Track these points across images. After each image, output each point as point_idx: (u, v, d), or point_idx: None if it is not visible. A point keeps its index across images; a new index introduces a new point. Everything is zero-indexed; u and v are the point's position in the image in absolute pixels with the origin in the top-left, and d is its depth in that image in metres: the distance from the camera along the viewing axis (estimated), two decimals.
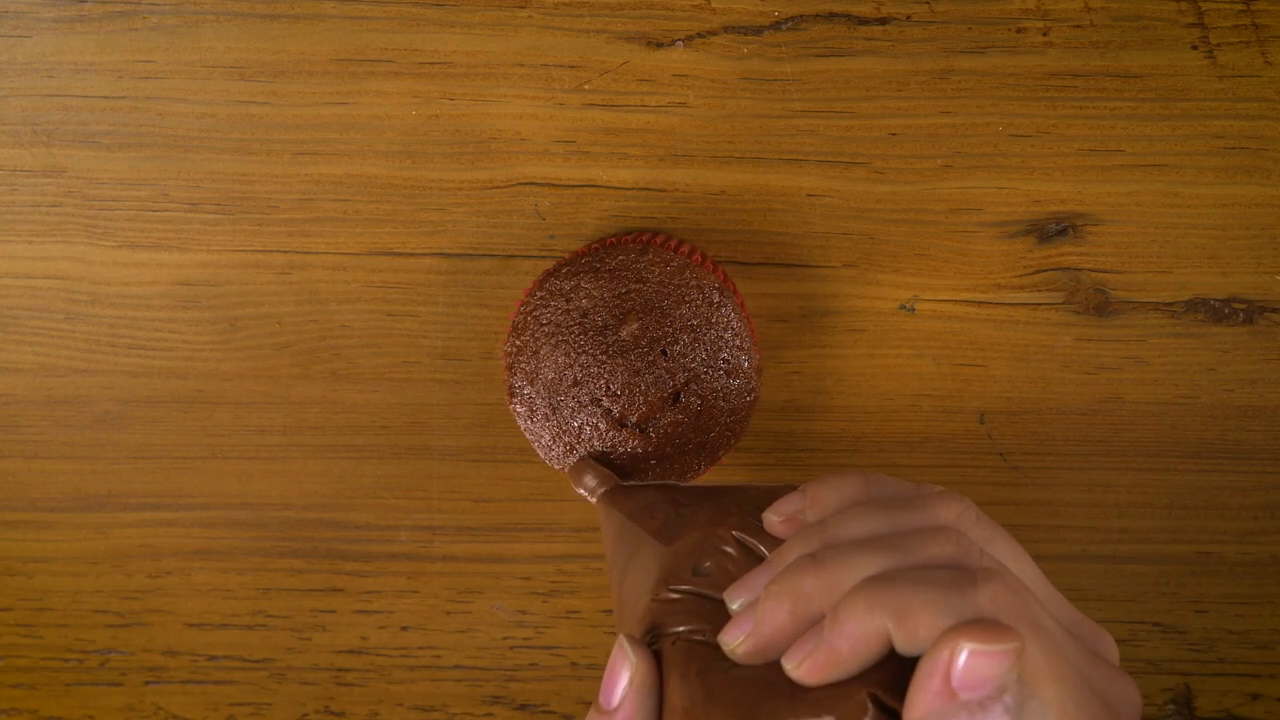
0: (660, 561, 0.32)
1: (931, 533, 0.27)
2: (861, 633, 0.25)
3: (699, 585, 0.30)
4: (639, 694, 0.28)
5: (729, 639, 0.28)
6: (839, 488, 0.30)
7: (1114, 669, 0.27)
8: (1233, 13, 0.45)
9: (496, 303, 0.48)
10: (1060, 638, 0.26)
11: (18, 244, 0.47)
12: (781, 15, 0.45)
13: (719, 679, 0.27)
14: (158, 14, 0.45)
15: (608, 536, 0.37)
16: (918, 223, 0.47)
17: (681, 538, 0.32)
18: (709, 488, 0.36)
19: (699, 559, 0.31)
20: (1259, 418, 0.49)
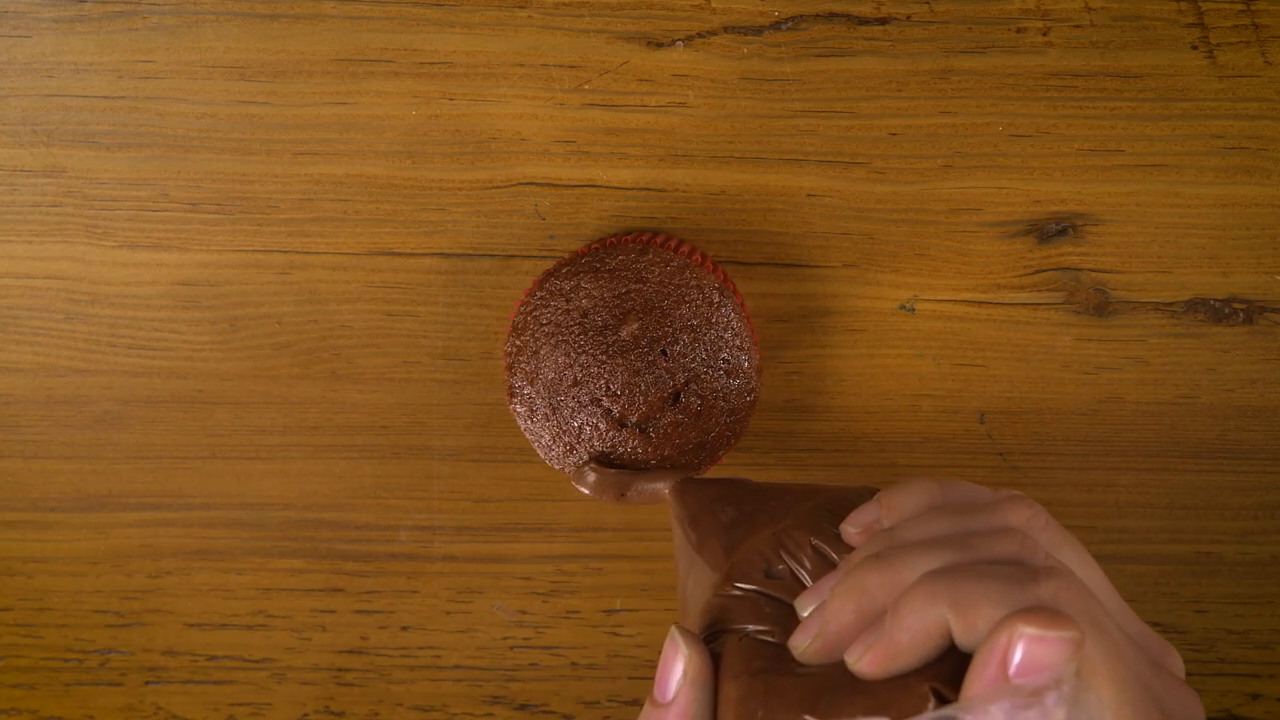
0: (729, 558, 0.32)
1: (997, 533, 0.27)
2: (920, 624, 0.25)
3: (769, 587, 0.30)
4: (694, 688, 0.28)
5: (798, 642, 0.28)
6: (915, 494, 0.30)
7: (1178, 681, 0.26)
8: (1233, 13, 0.45)
9: (496, 303, 0.48)
10: (1122, 643, 0.25)
11: (18, 244, 0.47)
12: (781, 15, 0.45)
13: (780, 675, 0.27)
14: (158, 14, 0.45)
15: (677, 528, 0.37)
16: (918, 223, 0.47)
17: (751, 536, 0.32)
18: (779, 486, 0.36)
19: (771, 561, 0.31)
20: (1259, 418, 0.49)
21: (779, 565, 0.31)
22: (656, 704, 0.28)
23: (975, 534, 0.27)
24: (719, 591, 0.31)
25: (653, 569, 0.51)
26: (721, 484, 0.38)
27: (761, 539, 0.32)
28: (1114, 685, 0.24)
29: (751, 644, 0.29)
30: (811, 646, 0.27)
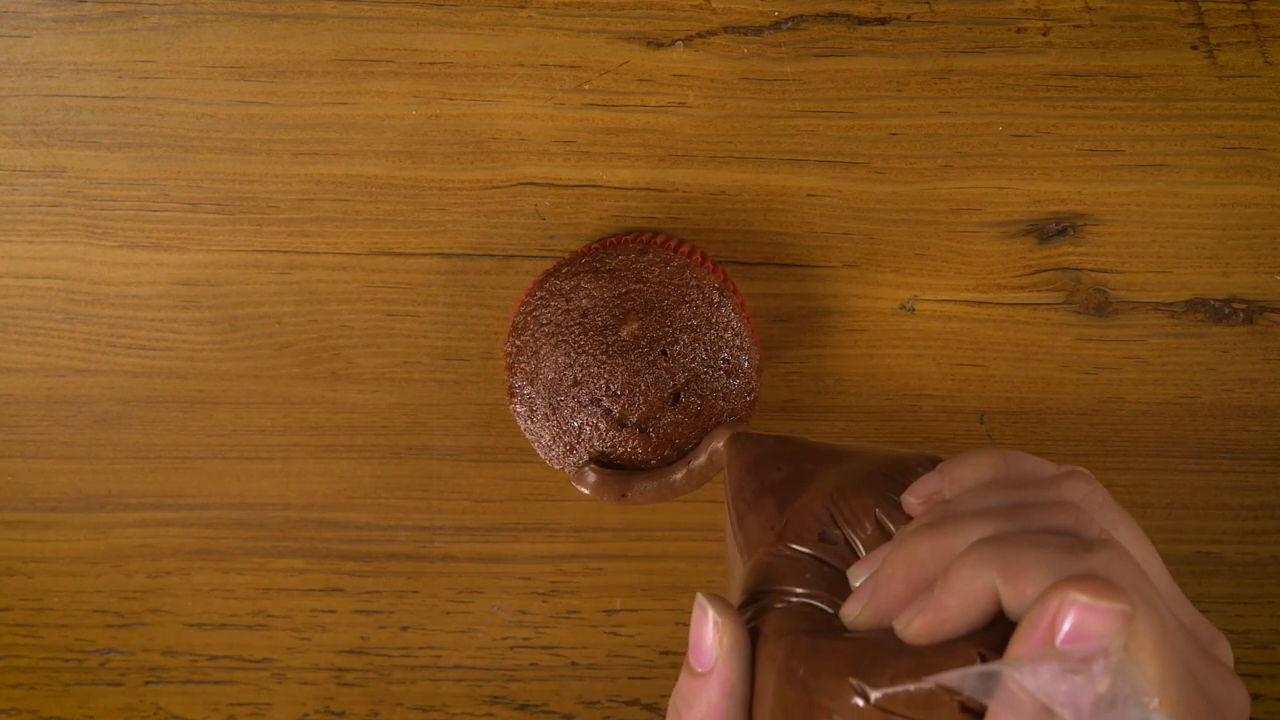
0: (782, 517, 0.32)
1: (1052, 506, 0.27)
2: (969, 589, 0.24)
3: (821, 551, 0.30)
4: (731, 655, 0.28)
5: (849, 610, 0.28)
6: (978, 467, 0.30)
7: (1225, 670, 0.26)
8: (1233, 13, 0.45)
9: (496, 303, 0.48)
10: (1171, 623, 0.25)
11: (18, 244, 0.47)
12: (781, 15, 0.45)
13: (826, 638, 0.27)
14: (158, 14, 0.45)
15: (729, 481, 0.37)
16: (918, 223, 0.47)
17: (806, 496, 0.32)
18: (838, 447, 0.35)
19: (826, 525, 0.30)
20: (1259, 418, 0.49)
21: (834, 530, 0.30)
22: (695, 673, 0.28)
23: (1030, 505, 0.27)
24: (770, 550, 0.31)
25: (653, 569, 0.51)
26: (778, 440, 0.37)
27: (817, 502, 0.31)
28: (1160, 663, 0.23)
29: (799, 607, 0.29)
30: (863, 614, 0.27)
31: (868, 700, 0.24)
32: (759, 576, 0.30)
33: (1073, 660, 0.22)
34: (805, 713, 0.26)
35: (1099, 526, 0.26)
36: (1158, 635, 0.23)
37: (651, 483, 0.42)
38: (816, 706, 0.25)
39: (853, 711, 0.25)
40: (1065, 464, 0.30)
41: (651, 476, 0.42)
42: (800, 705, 0.26)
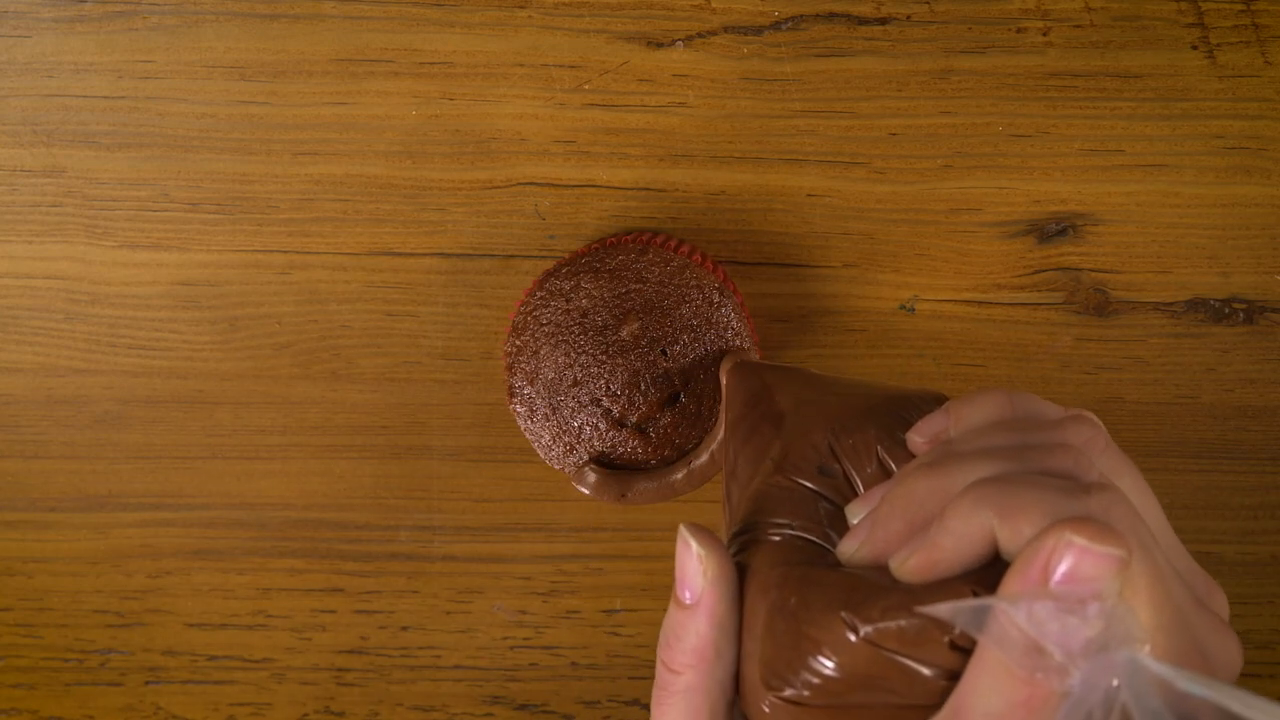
0: (782, 446, 0.31)
1: (1054, 448, 0.26)
2: (965, 529, 0.24)
3: (819, 484, 0.30)
4: (717, 587, 0.28)
5: (846, 547, 0.28)
6: (984, 407, 0.29)
7: (1219, 621, 0.26)
8: (1233, 13, 0.45)
9: (496, 303, 0.48)
10: (1167, 571, 0.25)
11: (18, 244, 0.47)
12: (781, 15, 0.45)
13: (821, 569, 0.27)
14: (158, 14, 0.45)
15: (729, 410, 0.36)
16: (918, 223, 0.47)
17: (807, 428, 0.31)
18: (841, 380, 0.34)
19: (826, 458, 0.30)
20: (1259, 418, 0.49)
21: (833, 464, 0.30)
22: (682, 606, 0.28)
23: (1032, 447, 0.27)
24: (767, 480, 0.30)
25: (653, 569, 0.51)
26: (782, 370, 0.36)
27: (817, 434, 0.30)
28: (1153, 610, 0.23)
29: (794, 541, 0.28)
30: (860, 552, 0.27)
31: (857, 634, 0.24)
32: (754, 506, 0.30)
33: (1066, 601, 0.21)
34: (794, 643, 0.25)
35: (1099, 471, 0.26)
36: (1152, 582, 0.23)
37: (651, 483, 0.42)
38: (805, 638, 0.25)
39: (843, 644, 0.24)
40: (1074, 407, 0.30)
41: (651, 476, 0.42)
42: (790, 636, 0.26)
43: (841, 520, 0.29)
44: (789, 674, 0.25)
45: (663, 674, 0.28)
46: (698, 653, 0.28)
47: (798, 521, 0.29)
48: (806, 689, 0.25)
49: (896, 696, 0.25)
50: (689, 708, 0.28)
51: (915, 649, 0.24)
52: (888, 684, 0.24)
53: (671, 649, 0.28)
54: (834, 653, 0.25)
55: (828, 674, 0.25)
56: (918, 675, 0.24)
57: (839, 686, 0.25)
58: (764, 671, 0.26)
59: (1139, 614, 0.23)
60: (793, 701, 0.25)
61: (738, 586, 0.28)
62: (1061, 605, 0.21)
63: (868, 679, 0.24)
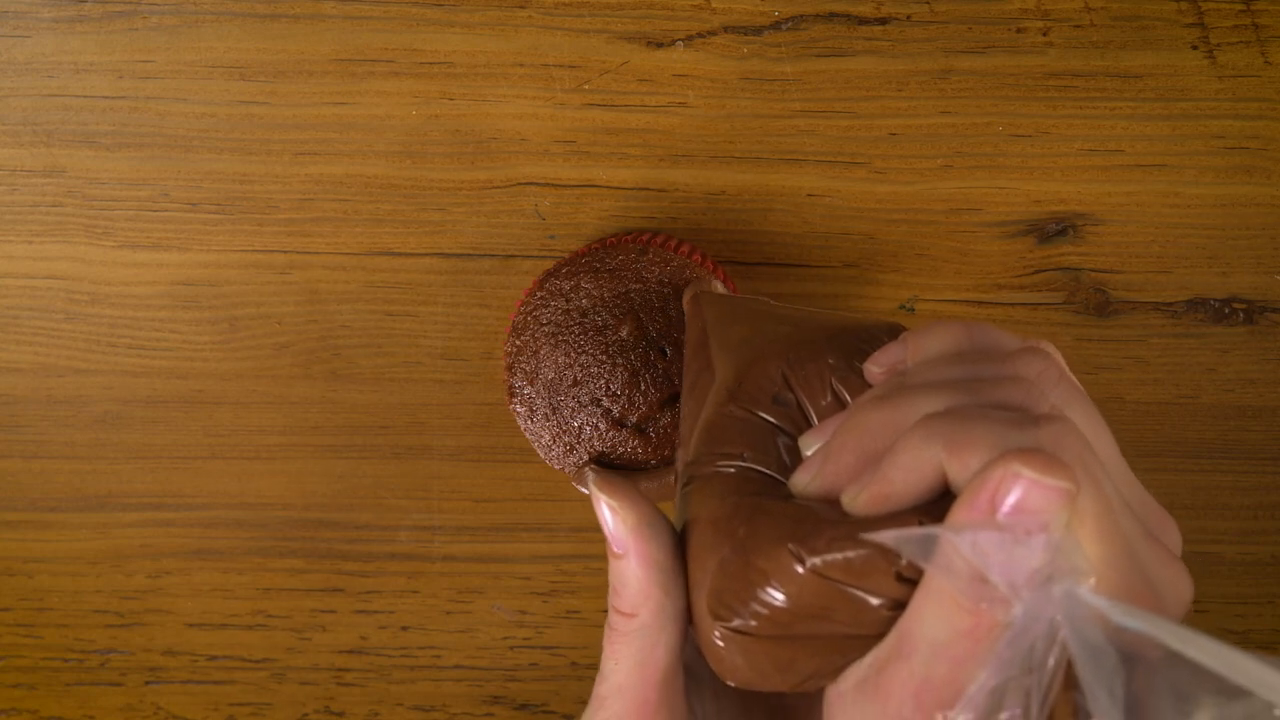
0: (736, 375, 0.31)
1: (1006, 380, 0.26)
2: (915, 463, 0.24)
3: (773, 414, 0.29)
4: (639, 530, 0.28)
5: (799, 480, 0.27)
6: (941, 338, 0.29)
7: (1170, 555, 0.26)
8: (1233, 13, 0.45)
9: (496, 303, 0.48)
10: (1117, 504, 0.24)
11: (18, 244, 0.47)
12: (781, 15, 0.45)
13: (771, 501, 0.27)
14: (158, 14, 0.45)
15: (688, 341, 0.36)
16: (918, 223, 0.47)
17: (762, 357, 0.31)
18: (802, 311, 0.34)
19: (780, 388, 0.30)
20: (1259, 418, 0.49)
21: (787, 394, 0.29)
22: (616, 556, 0.28)
23: (984, 380, 0.26)
24: (721, 410, 0.30)
25: None
26: (742, 300, 0.36)
27: (772, 364, 0.30)
28: (1100, 543, 0.23)
29: (746, 472, 0.28)
30: (812, 484, 0.27)
31: (804, 565, 0.24)
32: (707, 436, 0.30)
33: (1012, 533, 0.21)
34: (742, 574, 0.25)
35: (1051, 403, 0.26)
36: (1100, 514, 0.23)
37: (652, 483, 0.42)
38: (753, 569, 0.25)
39: (790, 576, 0.24)
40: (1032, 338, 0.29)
41: (651, 476, 0.42)
42: (738, 567, 0.26)
43: (796, 451, 0.29)
44: (737, 605, 0.25)
45: (614, 618, 0.28)
46: (643, 594, 0.28)
47: (750, 452, 0.29)
48: (754, 619, 0.25)
49: (843, 627, 0.25)
50: (642, 642, 0.28)
51: (862, 580, 0.24)
52: (835, 614, 0.24)
53: (619, 595, 0.28)
54: (781, 584, 0.25)
55: (775, 605, 0.25)
56: (865, 605, 0.24)
57: (786, 617, 0.25)
58: (712, 603, 0.26)
59: (1086, 547, 0.23)
60: (741, 632, 0.26)
61: (664, 524, 0.28)
62: (1007, 536, 0.21)
63: (815, 610, 0.25)
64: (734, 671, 0.27)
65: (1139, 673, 0.21)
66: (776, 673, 0.26)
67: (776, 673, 0.26)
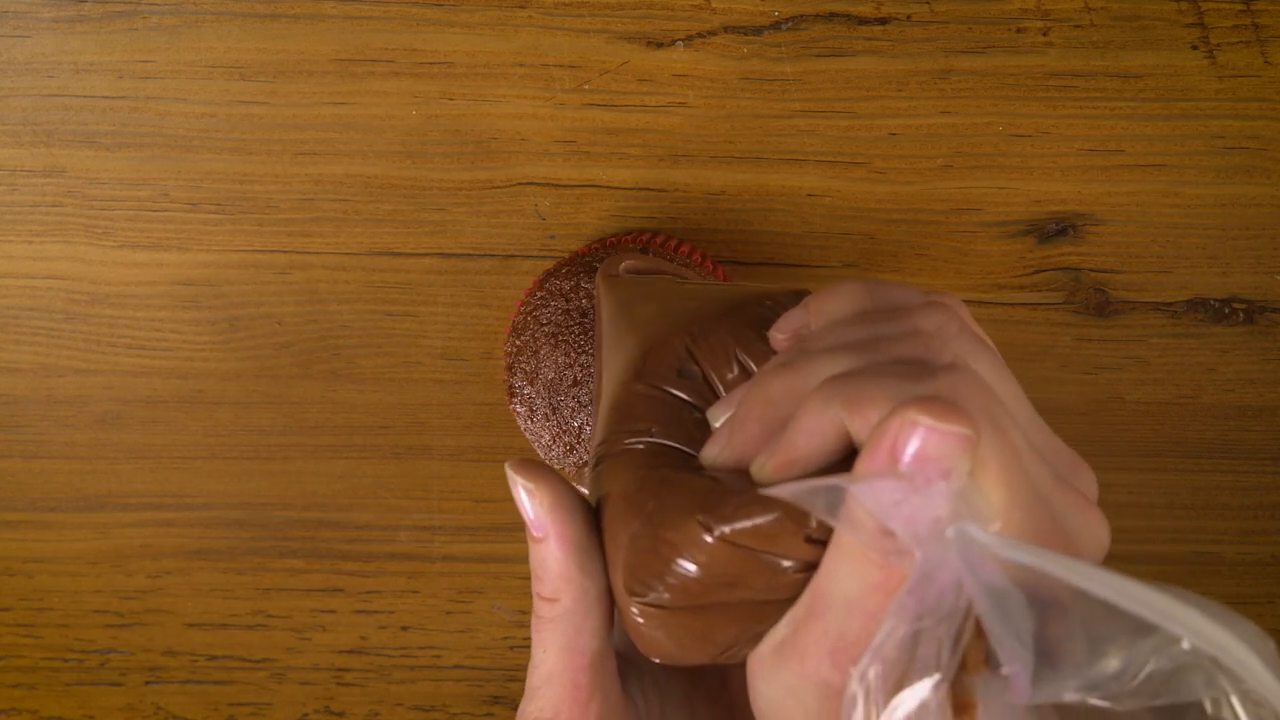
0: (641, 353, 0.31)
1: (906, 336, 0.26)
2: (817, 426, 0.24)
3: (679, 388, 0.29)
4: (556, 511, 0.28)
5: (708, 453, 0.27)
6: (842, 299, 0.28)
7: (1083, 500, 0.25)
8: (1233, 13, 0.45)
9: (496, 303, 0.48)
10: (1023, 449, 0.24)
11: (18, 244, 0.47)
12: (781, 15, 0.45)
13: (679, 473, 0.27)
14: (158, 14, 0.45)
15: (598, 323, 0.36)
16: (918, 223, 0.47)
17: (667, 333, 0.31)
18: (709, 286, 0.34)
19: (684, 361, 0.30)
20: (1259, 418, 0.49)
21: (691, 366, 0.29)
22: (536, 540, 0.28)
23: (884, 338, 0.26)
24: (627, 388, 0.30)
25: None
26: (647, 281, 0.36)
27: (676, 338, 0.30)
28: (1005, 488, 0.23)
29: (655, 447, 0.28)
30: (721, 456, 0.27)
31: (712, 534, 0.24)
32: (615, 415, 0.30)
33: (914, 482, 0.21)
34: (653, 548, 0.25)
35: (953, 353, 0.25)
36: (1004, 460, 0.23)
37: None
38: (664, 541, 0.25)
39: (699, 545, 0.24)
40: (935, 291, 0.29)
41: None
42: (648, 540, 0.26)
43: (707, 425, 0.29)
44: (651, 579, 0.25)
45: (538, 605, 0.28)
46: (564, 577, 0.28)
47: (658, 427, 0.29)
48: (668, 592, 0.25)
49: (758, 592, 0.25)
50: (567, 627, 0.28)
51: (772, 544, 0.24)
52: (748, 581, 0.24)
53: (540, 580, 0.28)
54: (692, 554, 0.25)
55: (688, 576, 0.25)
56: (777, 570, 0.24)
57: (699, 587, 0.25)
58: (627, 578, 0.26)
59: (990, 493, 0.22)
60: (656, 605, 0.26)
61: (581, 504, 0.28)
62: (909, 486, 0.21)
63: (727, 578, 0.25)
64: (655, 646, 0.27)
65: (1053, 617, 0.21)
66: (696, 644, 0.26)
67: (696, 644, 0.26)
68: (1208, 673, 0.20)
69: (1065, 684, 0.21)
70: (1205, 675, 0.20)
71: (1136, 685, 0.20)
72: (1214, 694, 0.20)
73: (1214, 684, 0.20)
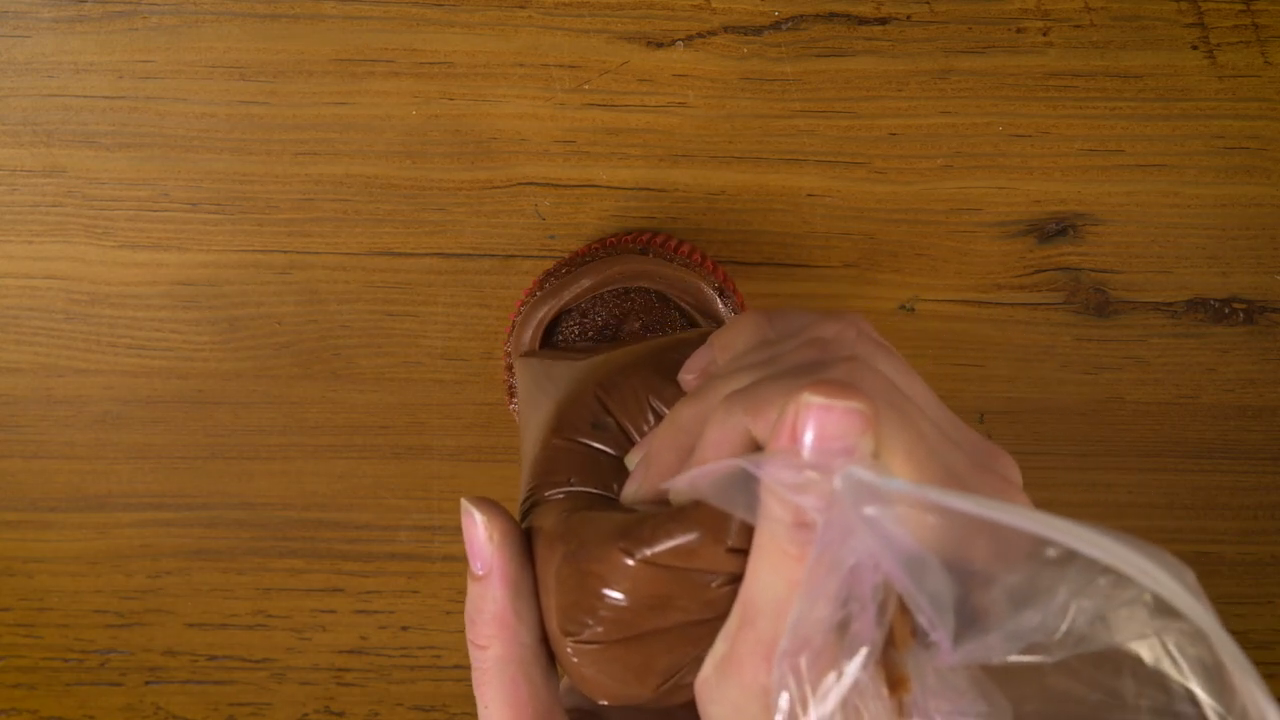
0: (557, 412, 0.31)
1: (802, 345, 0.26)
2: (723, 436, 0.24)
3: (595, 438, 0.30)
4: (504, 548, 0.28)
5: (627, 491, 0.28)
6: (744, 330, 0.29)
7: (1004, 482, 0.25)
8: (1233, 13, 0.45)
9: (496, 303, 0.48)
10: (930, 433, 0.24)
11: (18, 244, 0.47)
12: (781, 15, 0.45)
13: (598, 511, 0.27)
14: (158, 14, 0.45)
15: (519, 397, 0.36)
16: (918, 223, 0.47)
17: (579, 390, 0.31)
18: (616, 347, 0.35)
19: (597, 413, 0.30)
20: (1259, 418, 0.49)
21: (605, 418, 0.30)
22: (477, 578, 0.28)
23: (783, 353, 0.26)
24: (545, 445, 0.30)
25: None
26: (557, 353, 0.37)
27: (588, 393, 0.31)
28: (915, 469, 0.23)
29: (576, 495, 0.29)
30: (639, 491, 0.27)
31: (634, 558, 0.24)
32: (535, 470, 0.30)
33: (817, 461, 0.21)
34: (580, 583, 0.25)
35: (851, 352, 0.26)
36: (912, 442, 0.23)
37: None
38: (589, 574, 0.25)
39: (623, 571, 0.24)
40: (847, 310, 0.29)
41: None
42: (575, 578, 0.26)
43: (623, 471, 0.29)
44: (582, 615, 0.25)
45: (474, 654, 0.28)
46: (499, 620, 0.27)
47: (577, 477, 0.29)
48: (600, 625, 0.25)
49: (688, 613, 0.25)
50: (505, 679, 0.27)
51: (694, 560, 0.24)
52: (677, 602, 0.24)
53: (475, 625, 0.28)
54: (617, 581, 0.25)
55: (617, 604, 0.25)
56: (703, 586, 0.24)
57: (629, 615, 0.25)
58: (560, 619, 0.26)
59: (897, 470, 0.23)
60: (591, 642, 0.26)
61: (525, 546, 0.28)
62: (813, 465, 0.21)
63: (655, 600, 0.25)
64: (596, 685, 0.26)
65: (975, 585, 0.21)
66: (637, 678, 0.26)
67: (637, 678, 0.26)
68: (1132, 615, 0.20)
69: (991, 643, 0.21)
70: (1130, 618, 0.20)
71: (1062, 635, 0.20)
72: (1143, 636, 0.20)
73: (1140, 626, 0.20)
